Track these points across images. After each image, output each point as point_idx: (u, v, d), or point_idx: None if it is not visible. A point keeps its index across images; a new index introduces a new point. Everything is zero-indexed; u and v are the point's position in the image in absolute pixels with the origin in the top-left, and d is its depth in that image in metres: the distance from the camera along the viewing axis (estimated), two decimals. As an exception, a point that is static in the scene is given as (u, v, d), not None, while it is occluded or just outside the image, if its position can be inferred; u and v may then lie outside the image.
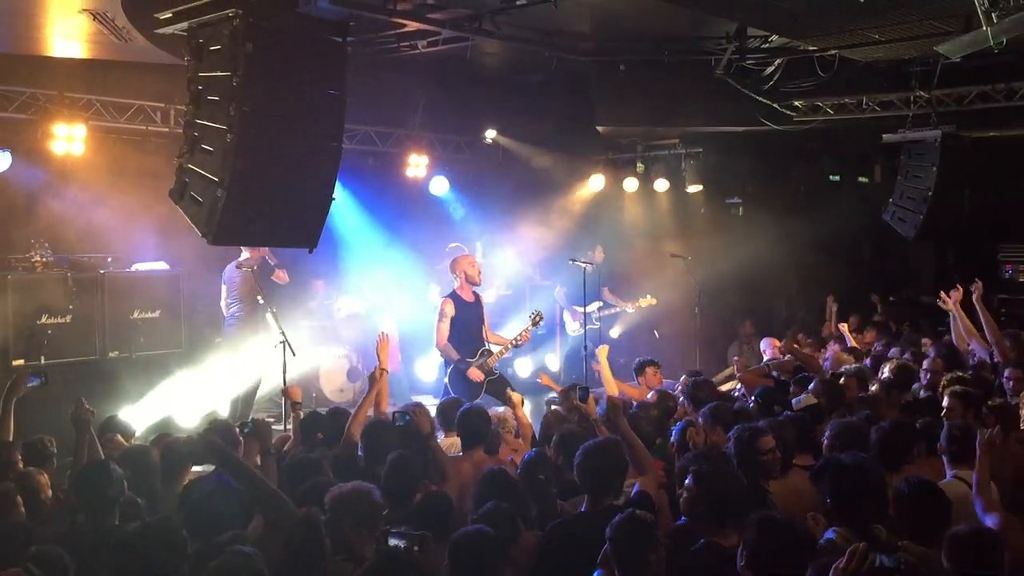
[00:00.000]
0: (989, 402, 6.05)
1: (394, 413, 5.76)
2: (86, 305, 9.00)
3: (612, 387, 7.21)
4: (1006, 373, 7.03)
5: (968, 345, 8.07)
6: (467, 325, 8.54)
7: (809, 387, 6.39)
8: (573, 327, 11.66)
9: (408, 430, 5.44)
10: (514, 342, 8.69)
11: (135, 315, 9.33)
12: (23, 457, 5.48)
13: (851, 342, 9.53)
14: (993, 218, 13.15)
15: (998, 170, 12.40)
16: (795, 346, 8.46)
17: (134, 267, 9.61)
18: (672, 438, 5.53)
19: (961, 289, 8.23)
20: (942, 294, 8.37)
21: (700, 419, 5.71)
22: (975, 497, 4.40)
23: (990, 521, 4.19)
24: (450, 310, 8.47)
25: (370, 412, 6.00)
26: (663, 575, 3.68)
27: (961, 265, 13.65)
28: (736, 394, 7.68)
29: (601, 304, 11.63)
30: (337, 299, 11.52)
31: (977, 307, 8.10)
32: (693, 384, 6.84)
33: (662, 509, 4.60)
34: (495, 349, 8.58)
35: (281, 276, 9.71)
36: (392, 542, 3.70)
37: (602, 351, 7.58)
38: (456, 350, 8.43)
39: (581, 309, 11.12)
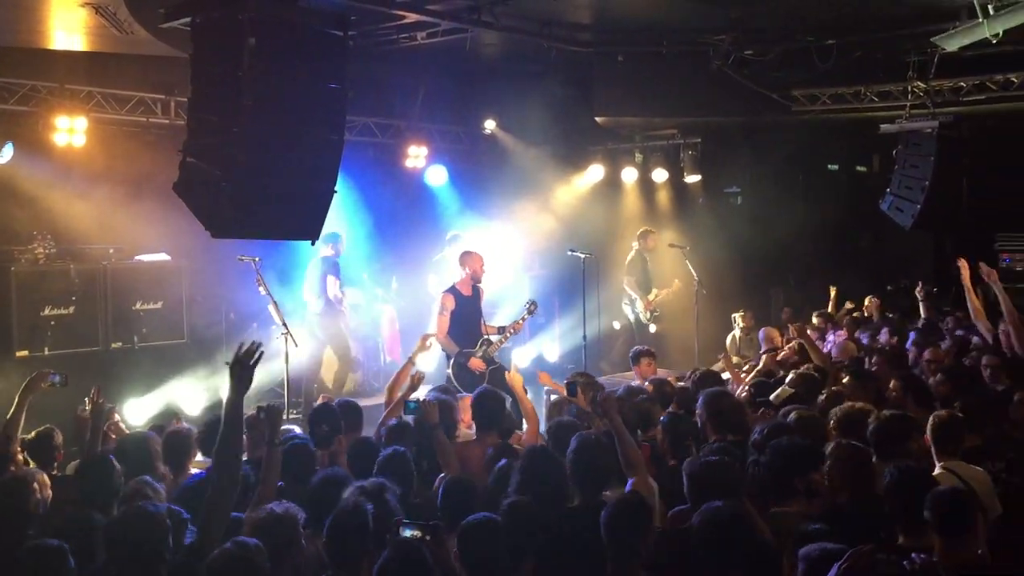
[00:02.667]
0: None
1: (406, 402, 5.87)
2: (89, 296, 9.07)
3: (530, 417, 6.57)
4: (984, 360, 7.00)
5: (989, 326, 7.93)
6: (466, 318, 8.63)
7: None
8: (646, 315, 11.77)
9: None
10: (510, 331, 8.78)
11: (137, 306, 9.40)
12: (30, 448, 5.54)
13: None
14: (991, 208, 13.20)
15: (995, 160, 12.45)
16: (807, 333, 8.33)
17: (136, 259, 9.66)
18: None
19: (965, 265, 8.04)
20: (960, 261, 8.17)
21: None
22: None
23: None
24: (450, 304, 8.56)
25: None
26: (653, 561, 3.76)
27: (959, 255, 13.68)
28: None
29: (656, 291, 11.79)
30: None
31: (965, 287, 7.98)
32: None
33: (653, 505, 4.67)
34: (495, 339, 8.66)
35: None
36: (405, 533, 3.76)
37: (544, 378, 7.53)
38: (456, 342, 8.51)
39: (650, 296, 11.55)
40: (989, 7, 6.86)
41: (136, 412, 8.82)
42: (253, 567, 3.42)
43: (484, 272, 8.81)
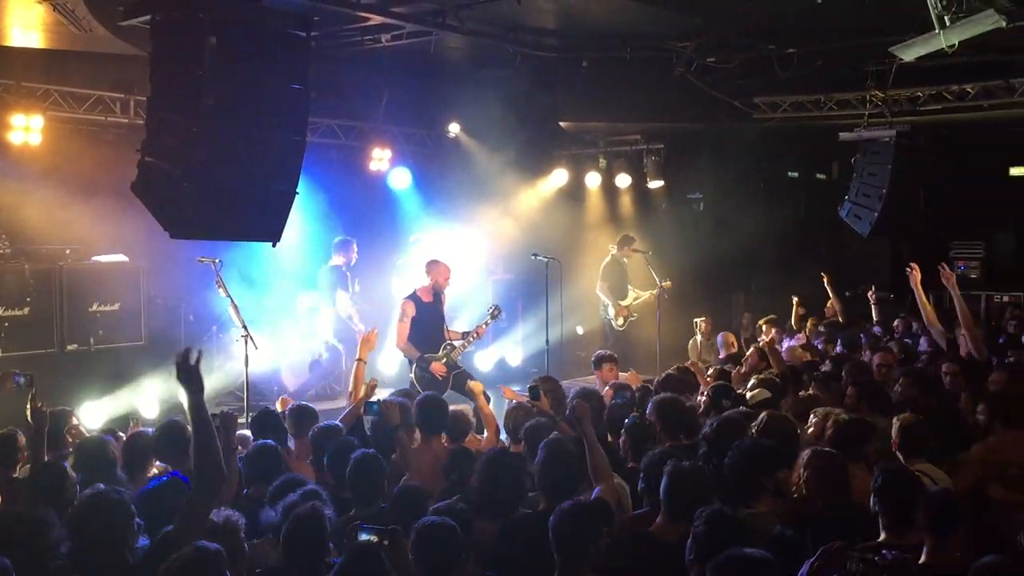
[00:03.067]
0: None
1: (365, 404, 5.83)
2: (44, 297, 8.93)
3: (490, 423, 6.70)
4: (944, 367, 7.10)
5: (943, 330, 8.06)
6: (428, 323, 8.66)
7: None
8: (619, 322, 11.78)
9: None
10: (473, 336, 8.79)
11: (94, 308, 9.27)
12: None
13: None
14: (946, 216, 13.43)
15: (951, 169, 12.67)
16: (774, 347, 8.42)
17: (93, 259, 9.52)
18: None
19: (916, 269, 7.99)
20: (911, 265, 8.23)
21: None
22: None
23: None
24: (410, 310, 8.59)
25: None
26: (605, 565, 3.77)
27: (915, 262, 13.91)
28: None
29: (636, 296, 11.79)
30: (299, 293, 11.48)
31: (916, 292, 7.96)
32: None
33: (623, 508, 4.69)
34: (457, 343, 8.67)
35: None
36: (363, 536, 3.73)
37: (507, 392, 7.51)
38: (418, 348, 8.52)
39: (624, 302, 11.54)
40: (945, 18, 6.95)
41: (93, 415, 8.67)
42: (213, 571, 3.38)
43: (447, 284, 8.83)
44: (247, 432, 5.96)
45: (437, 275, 8.76)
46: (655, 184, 13.03)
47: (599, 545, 3.79)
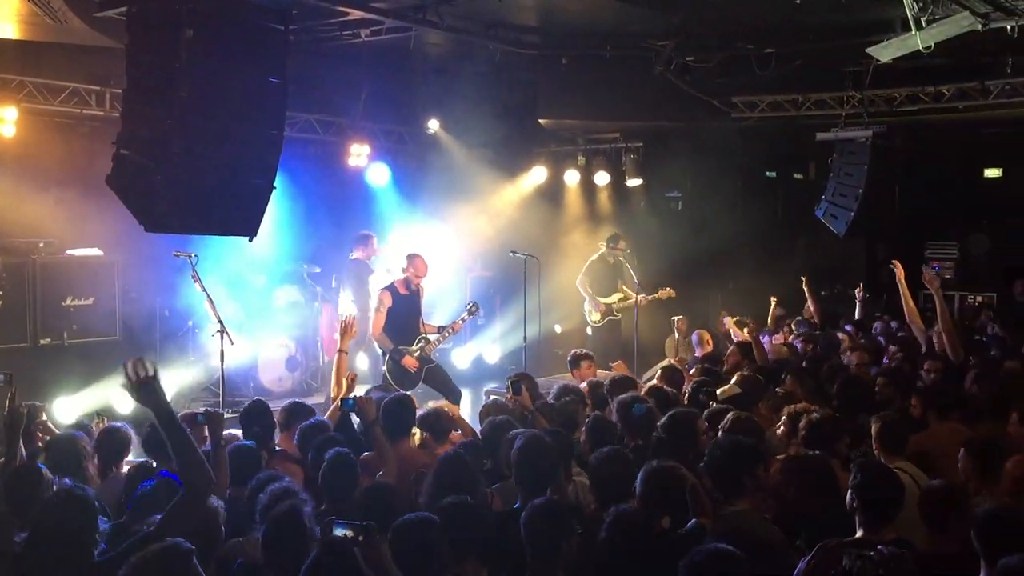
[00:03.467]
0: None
1: (342, 400, 5.81)
2: (17, 291, 8.84)
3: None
4: (926, 365, 7.17)
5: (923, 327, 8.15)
6: (403, 315, 8.64)
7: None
8: (595, 317, 11.76)
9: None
10: (449, 331, 8.79)
11: (68, 302, 9.18)
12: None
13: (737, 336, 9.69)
14: (921, 216, 13.55)
15: (926, 170, 12.78)
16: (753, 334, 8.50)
17: (68, 253, 9.43)
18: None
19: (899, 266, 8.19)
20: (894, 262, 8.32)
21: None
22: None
23: None
24: (387, 300, 8.58)
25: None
26: (575, 562, 3.77)
27: (891, 262, 14.03)
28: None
29: (620, 295, 11.73)
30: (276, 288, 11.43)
31: (901, 288, 8.11)
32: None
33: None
34: (432, 338, 8.67)
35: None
36: (338, 532, 3.71)
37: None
38: (392, 340, 8.50)
39: (607, 300, 11.49)
40: (922, 20, 7.02)
41: (66, 411, 8.61)
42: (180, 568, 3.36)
43: (422, 278, 8.82)
44: (237, 432, 5.89)
45: (414, 268, 8.75)
46: (634, 182, 13.06)
47: (571, 543, 3.79)
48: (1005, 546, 3.44)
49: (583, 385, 7.05)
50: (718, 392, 6.31)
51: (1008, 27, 7.54)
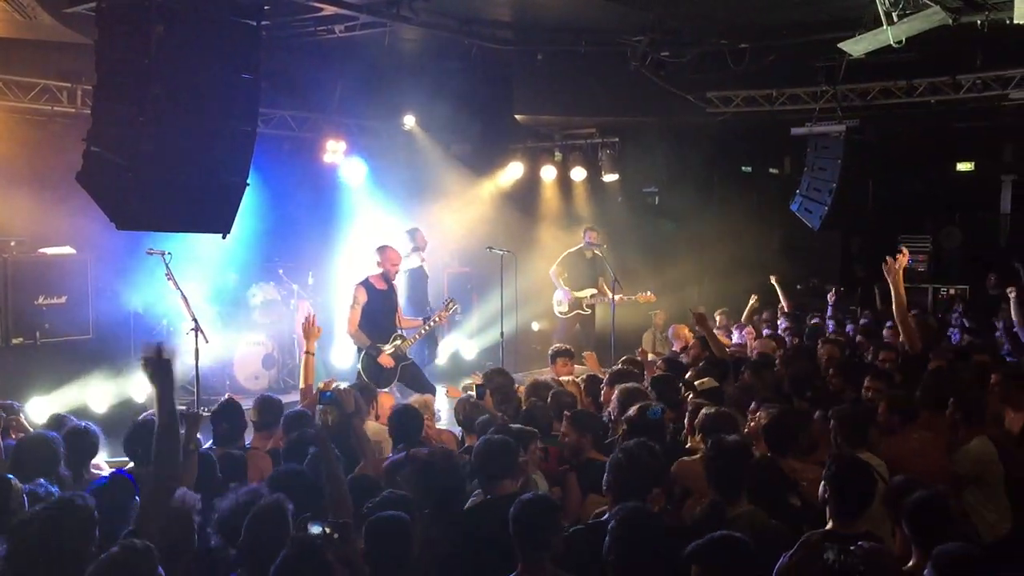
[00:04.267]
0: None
1: (318, 391, 5.78)
2: (-12, 290, 8.72)
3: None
4: (880, 355, 7.25)
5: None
6: (379, 311, 8.60)
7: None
8: (562, 308, 11.71)
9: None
10: (426, 327, 8.77)
11: (40, 301, 9.08)
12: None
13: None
14: (894, 209, 13.67)
15: (899, 163, 12.89)
16: (707, 325, 8.54)
17: (40, 251, 9.33)
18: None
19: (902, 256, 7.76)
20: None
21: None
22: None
23: None
24: (362, 297, 8.54)
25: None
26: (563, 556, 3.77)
27: (865, 255, 14.18)
28: None
29: (594, 292, 11.64)
30: (251, 286, 11.37)
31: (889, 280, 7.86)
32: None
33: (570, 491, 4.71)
34: (408, 335, 8.64)
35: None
36: (313, 529, 3.69)
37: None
38: (368, 336, 8.46)
39: (579, 294, 11.43)
40: (893, 15, 7.08)
41: (40, 410, 8.50)
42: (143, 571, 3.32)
43: (397, 267, 8.78)
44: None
45: (385, 260, 8.71)
46: (610, 178, 13.09)
47: (559, 536, 3.80)
48: (936, 533, 3.52)
49: (576, 379, 7.11)
50: (695, 384, 6.34)
51: (978, 22, 7.61)
